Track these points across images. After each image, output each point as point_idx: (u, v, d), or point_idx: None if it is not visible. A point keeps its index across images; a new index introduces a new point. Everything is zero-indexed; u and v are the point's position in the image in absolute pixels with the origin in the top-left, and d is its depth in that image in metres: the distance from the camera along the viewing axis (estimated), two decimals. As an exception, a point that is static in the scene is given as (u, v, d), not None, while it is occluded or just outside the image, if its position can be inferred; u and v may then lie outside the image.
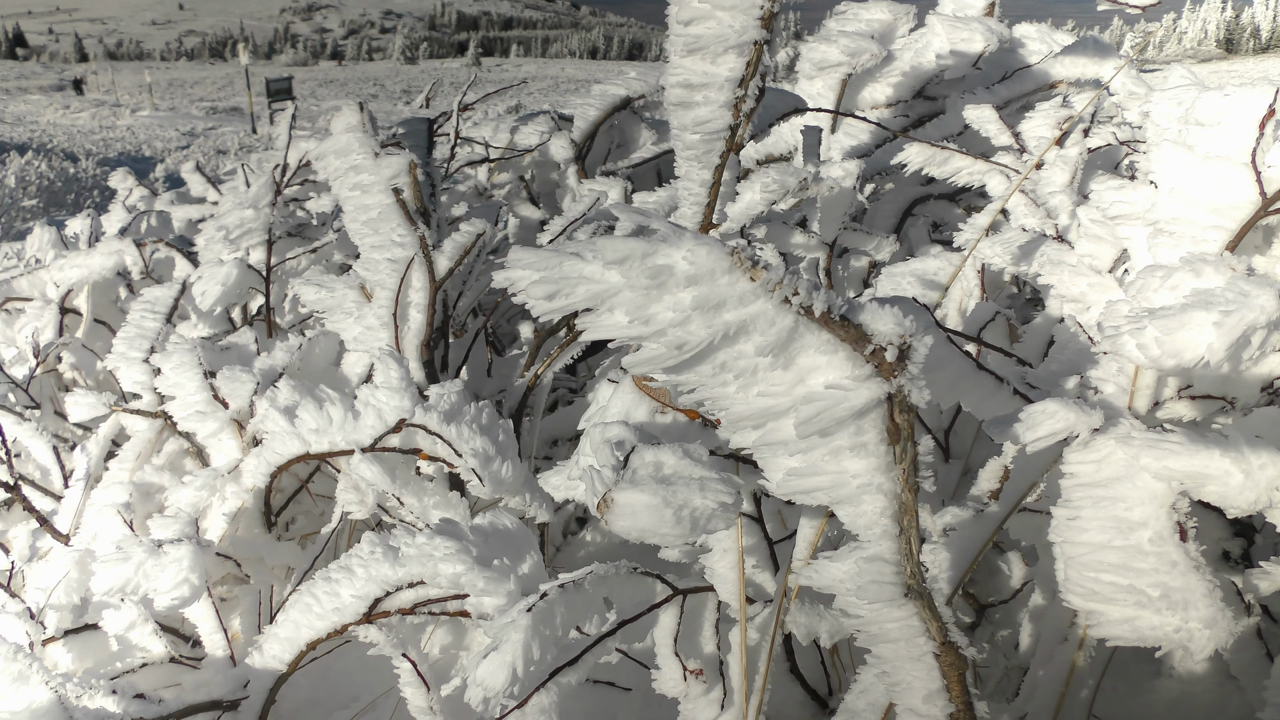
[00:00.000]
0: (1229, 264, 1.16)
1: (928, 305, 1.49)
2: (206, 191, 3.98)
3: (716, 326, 0.84)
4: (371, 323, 1.86)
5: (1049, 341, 1.63)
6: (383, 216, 1.91)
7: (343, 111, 2.07)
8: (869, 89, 2.62)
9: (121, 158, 24.51)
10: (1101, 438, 1.09)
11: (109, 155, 24.04)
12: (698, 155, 1.75)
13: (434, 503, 1.68)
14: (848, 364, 0.86)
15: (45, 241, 3.44)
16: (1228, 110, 1.38)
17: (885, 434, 0.89)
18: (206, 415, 1.95)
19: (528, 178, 3.01)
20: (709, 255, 0.82)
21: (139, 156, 25.77)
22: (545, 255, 0.86)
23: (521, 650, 1.02)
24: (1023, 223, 1.80)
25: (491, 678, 1.01)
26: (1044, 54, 2.59)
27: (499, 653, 1.02)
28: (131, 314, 2.31)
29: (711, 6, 1.57)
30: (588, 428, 1.37)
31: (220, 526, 1.86)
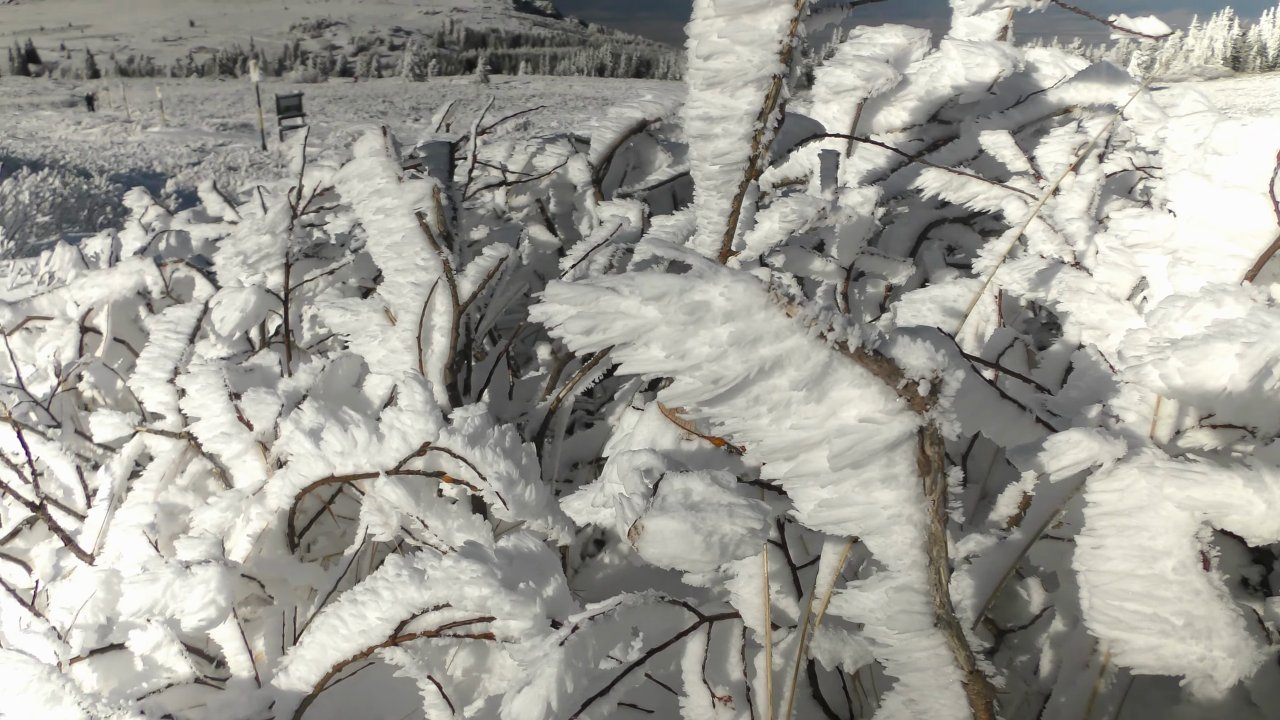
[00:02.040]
0: (1250, 294, 1.18)
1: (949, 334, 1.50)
2: (223, 210, 4.01)
3: (752, 361, 0.86)
4: (395, 346, 1.88)
5: (1067, 367, 1.64)
6: (406, 240, 1.93)
7: (366, 136, 2.10)
8: (884, 113, 2.64)
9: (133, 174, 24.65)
10: (1125, 467, 1.10)
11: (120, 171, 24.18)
12: (717, 185, 1.77)
13: (458, 525, 1.70)
14: (880, 398, 0.88)
15: (66, 261, 3.48)
16: (1245, 140, 1.40)
17: (916, 466, 0.91)
18: (231, 437, 1.97)
19: (545, 200, 3.03)
20: (746, 292, 0.84)
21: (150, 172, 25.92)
22: (582, 290, 0.88)
23: (555, 684, 1.04)
24: (1040, 249, 1.82)
25: (527, 712, 1.02)
26: (1057, 78, 2.61)
27: (533, 686, 1.03)
28: (154, 334, 2.33)
29: (731, 41, 1.59)
30: (613, 455, 1.39)
31: (245, 548, 1.88)
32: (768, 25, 1.59)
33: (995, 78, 2.44)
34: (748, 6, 1.58)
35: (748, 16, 1.60)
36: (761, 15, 1.59)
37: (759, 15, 1.59)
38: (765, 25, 1.59)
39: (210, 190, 4.11)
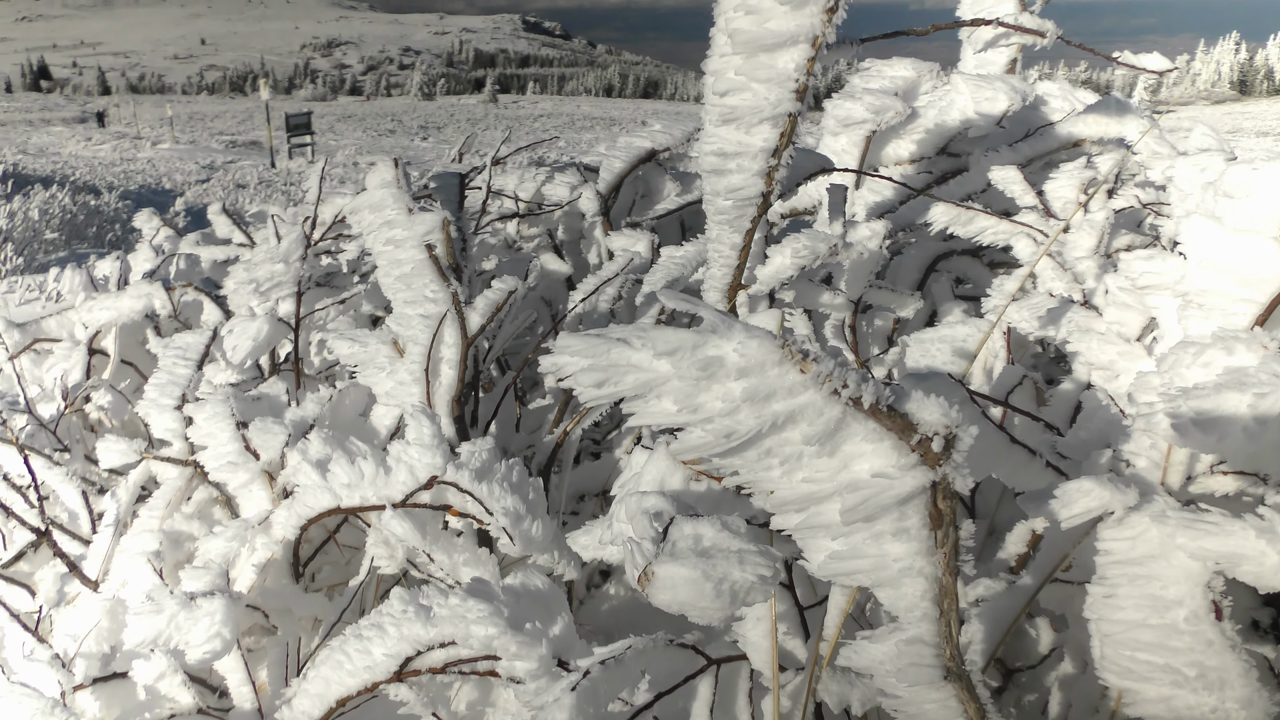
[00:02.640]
0: (1261, 342, 1.17)
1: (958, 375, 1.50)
2: (232, 233, 4.03)
3: (765, 416, 0.86)
4: (404, 378, 1.89)
5: (1076, 406, 1.64)
6: (416, 272, 1.94)
7: (378, 167, 2.10)
8: (893, 145, 2.65)
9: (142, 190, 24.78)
10: (1136, 515, 1.10)
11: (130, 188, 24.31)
12: (729, 220, 1.78)
13: (464, 560, 1.69)
14: (893, 452, 0.87)
15: (75, 283, 3.49)
16: (1256, 183, 1.40)
17: (928, 519, 0.91)
18: (238, 466, 1.97)
19: (555, 230, 3.04)
20: (760, 348, 0.84)
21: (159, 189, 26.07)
22: (594, 342, 0.88)
23: (567, 729, 1.03)
24: (1050, 286, 1.82)
25: (538, 756, 1.02)
26: (1066, 111, 2.62)
27: (545, 731, 1.03)
28: (163, 360, 2.33)
29: (748, 79, 1.60)
30: (622, 494, 1.39)
31: (249, 577, 1.88)
32: (784, 64, 1.60)
33: (1004, 111, 2.45)
34: (765, 45, 1.59)
35: (765, 55, 1.60)
36: (779, 54, 1.59)
37: (776, 54, 1.60)
38: (782, 64, 1.60)
39: (219, 212, 4.13)
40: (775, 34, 1.59)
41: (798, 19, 1.58)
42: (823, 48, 1.62)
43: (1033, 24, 2.30)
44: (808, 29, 1.59)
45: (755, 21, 1.61)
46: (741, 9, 1.61)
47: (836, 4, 1.58)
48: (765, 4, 1.59)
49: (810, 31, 1.59)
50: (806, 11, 1.57)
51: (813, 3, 1.56)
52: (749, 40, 1.61)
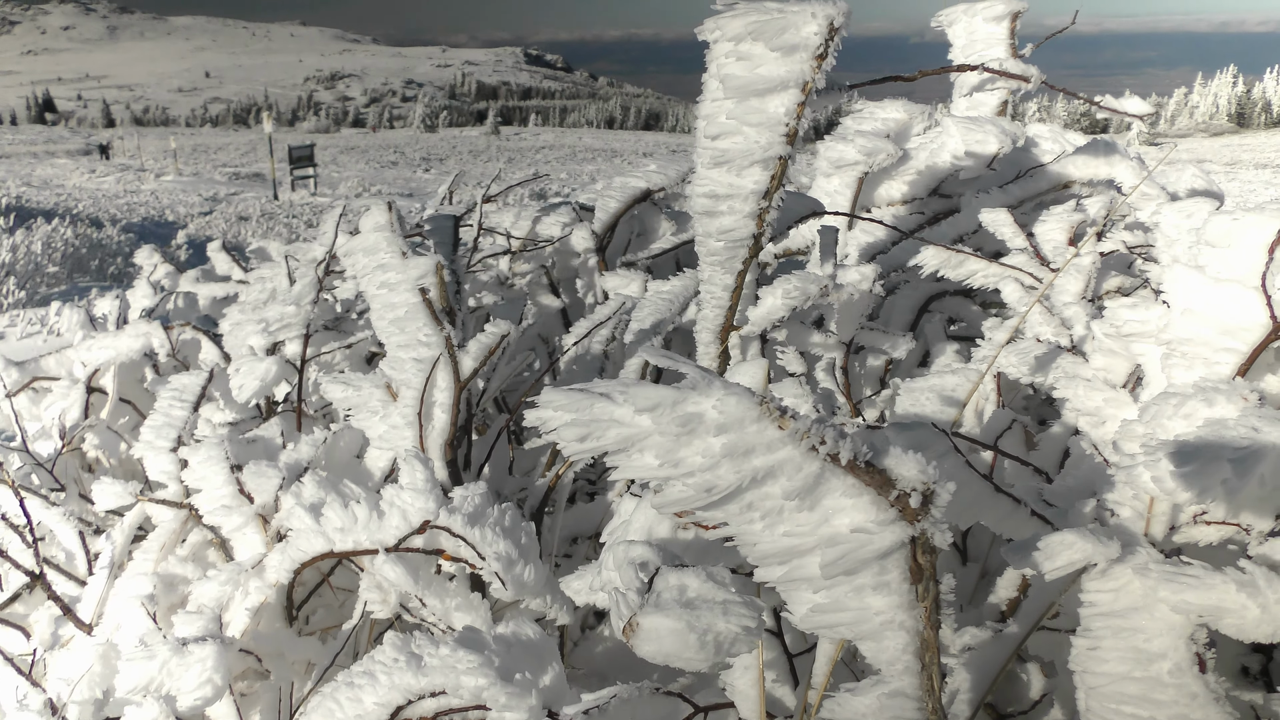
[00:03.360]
0: (1241, 393, 1.19)
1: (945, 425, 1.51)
2: (231, 270, 4.05)
3: (745, 471, 0.87)
4: (397, 422, 1.90)
5: (1065, 451, 1.65)
6: (409, 316, 1.95)
7: (372, 211, 2.12)
8: (885, 186, 2.67)
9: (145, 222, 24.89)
10: (1119, 567, 1.11)
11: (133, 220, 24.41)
12: (721, 261, 1.80)
13: (456, 605, 1.70)
14: (872, 507, 0.88)
15: (74, 322, 3.51)
16: (1236, 233, 1.41)
17: (908, 573, 0.92)
18: (232, 509, 1.98)
19: (549, 266, 3.06)
20: (738, 405, 0.85)
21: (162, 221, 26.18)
22: (576, 397, 0.89)
23: (550, 783, 1.03)
24: (1038, 331, 1.83)
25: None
26: (1056, 153, 2.64)
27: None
28: (160, 401, 2.34)
29: (739, 123, 1.63)
30: (610, 542, 1.39)
31: (243, 622, 1.88)
32: (775, 108, 1.63)
33: (995, 154, 2.47)
34: (756, 90, 1.62)
35: (756, 99, 1.63)
36: (769, 99, 1.62)
37: (767, 99, 1.62)
38: (773, 108, 1.63)
39: (219, 250, 4.16)
40: (766, 79, 1.62)
41: (788, 65, 1.61)
42: (813, 93, 1.65)
43: (1018, 69, 2.33)
44: (798, 75, 1.61)
45: (746, 67, 1.63)
46: (733, 55, 1.64)
47: (826, 51, 1.60)
48: (756, 50, 1.62)
49: (800, 77, 1.62)
50: (797, 58, 1.60)
51: (803, 49, 1.59)
52: (740, 85, 1.63)
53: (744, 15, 1.61)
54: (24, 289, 11.77)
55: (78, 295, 11.98)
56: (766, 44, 1.60)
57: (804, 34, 1.58)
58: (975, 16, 2.99)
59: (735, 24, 1.62)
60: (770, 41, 1.60)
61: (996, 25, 2.95)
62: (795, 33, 1.58)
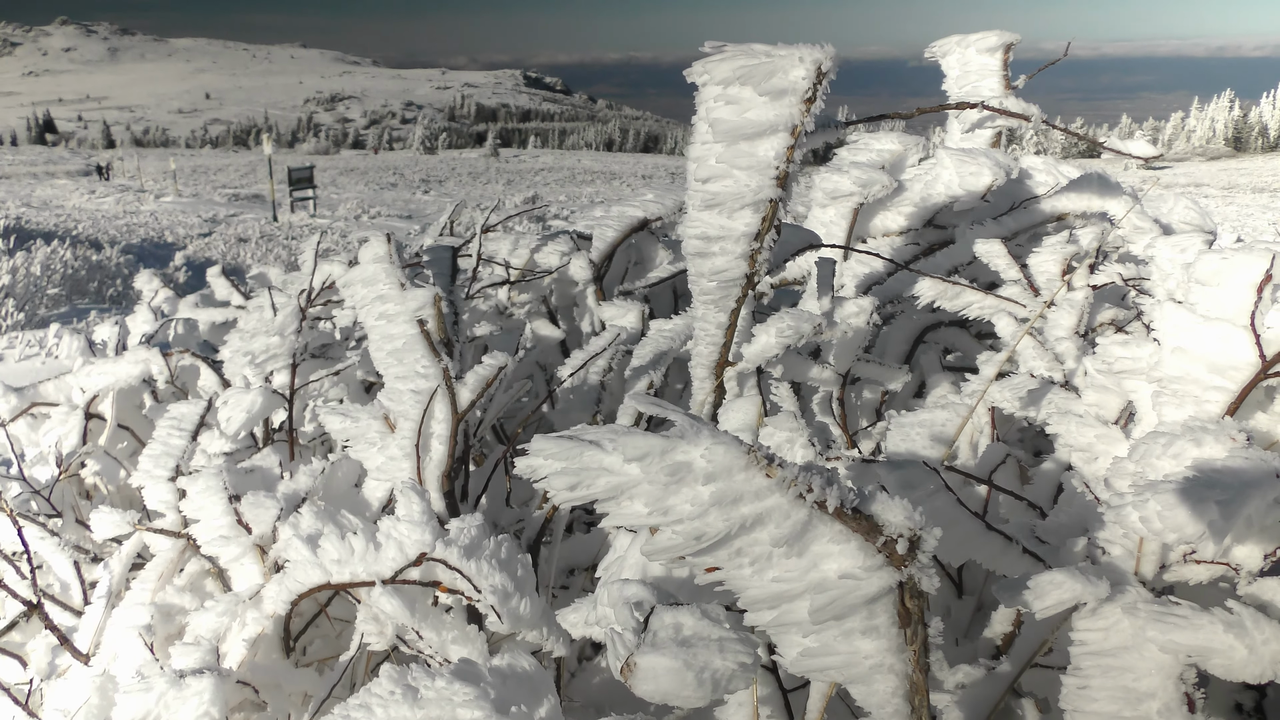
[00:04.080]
0: (1229, 433, 1.20)
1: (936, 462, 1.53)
2: (230, 295, 4.07)
3: (733, 519, 0.88)
4: (394, 453, 1.91)
5: (1059, 486, 1.66)
6: (407, 347, 1.96)
7: (370, 242, 2.14)
8: (880, 217, 2.69)
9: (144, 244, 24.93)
10: (1109, 606, 1.11)
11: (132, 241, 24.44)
12: (714, 300, 1.81)
13: (452, 637, 1.70)
14: (859, 553, 0.90)
15: (74, 348, 3.52)
16: (1226, 272, 1.43)
17: (896, 618, 0.93)
18: (230, 540, 1.98)
19: (548, 295, 3.08)
20: (726, 454, 0.86)
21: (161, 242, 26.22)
22: (567, 445, 0.91)
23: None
24: (1031, 365, 1.84)
25: None
26: (1050, 185, 2.67)
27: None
28: (158, 431, 2.35)
29: (729, 166, 1.64)
30: (605, 579, 1.40)
31: (240, 653, 1.89)
32: (765, 152, 1.64)
33: (988, 186, 2.50)
34: (746, 134, 1.63)
35: (745, 143, 1.65)
36: (759, 142, 1.64)
37: (756, 142, 1.64)
38: (762, 152, 1.64)
39: (218, 275, 4.18)
40: (755, 123, 1.64)
41: (776, 109, 1.63)
42: (802, 136, 1.66)
43: (1018, 107, 2.35)
44: (786, 119, 1.63)
45: (735, 111, 1.65)
46: (721, 99, 1.66)
47: (815, 94, 1.62)
48: (745, 94, 1.64)
49: (789, 121, 1.63)
50: (785, 102, 1.62)
51: (791, 93, 1.61)
52: (729, 129, 1.65)
53: (732, 59, 1.63)
54: (23, 311, 11.79)
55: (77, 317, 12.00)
56: (755, 88, 1.62)
57: (792, 78, 1.60)
58: (969, 48, 3.02)
59: (723, 68, 1.64)
60: (758, 86, 1.61)
61: (990, 57, 2.98)
62: (783, 77, 1.60)
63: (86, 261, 15.16)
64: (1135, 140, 2.36)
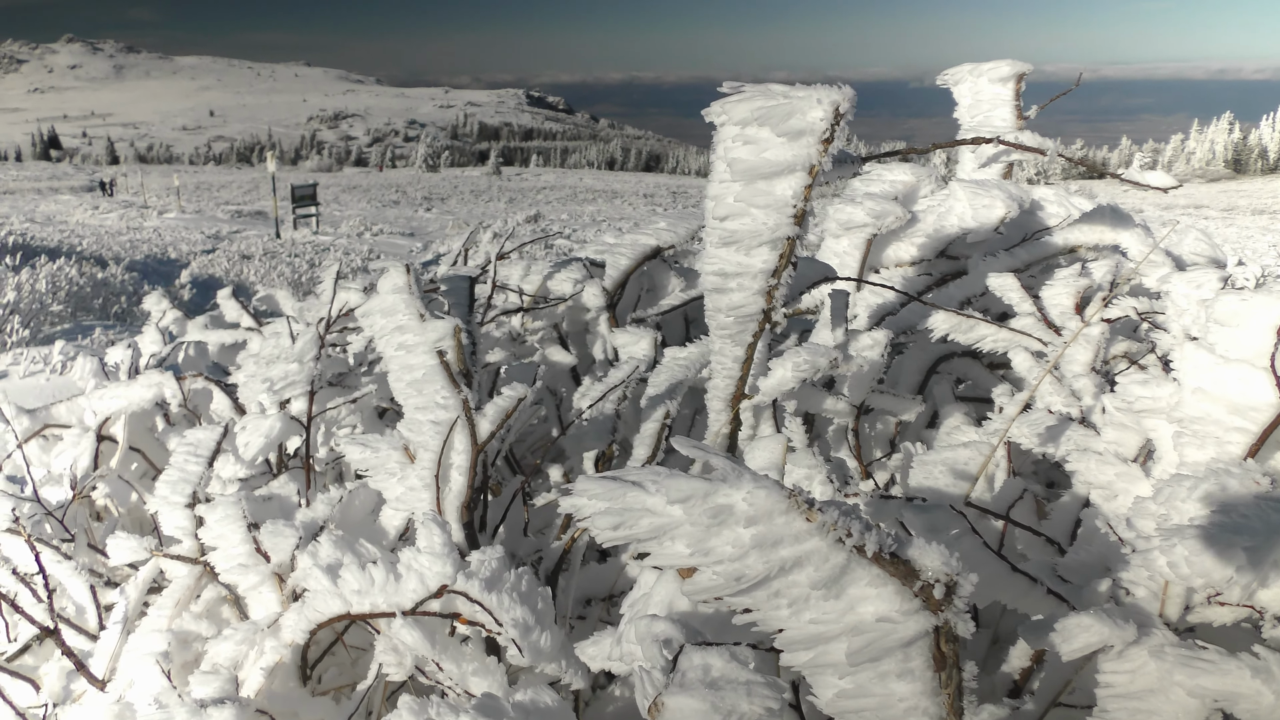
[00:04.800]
0: (1254, 476, 1.21)
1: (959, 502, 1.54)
2: (240, 317, 4.09)
3: (773, 561, 0.89)
4: (414, 483, 1.92)
5: (1076, 521, 1.67)
6: (427, 378, 1.98)
7: (389, 273, 2.16)
8: (893, 248, 2.71)
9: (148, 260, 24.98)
10: (1135, 649, 1.12)
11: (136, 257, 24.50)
12: (731, 334, 1.83)
13: (472, 669, 1.71)
14: (896, 597, 0.91)
15: (87, 370, 3.54)
16: (1245, 314, 1.44)
17: (932, 661, 0.94)
18: (249, 568, 1.99)
19: (560, 321, 3.09)
20: (768, 498, 0.87)
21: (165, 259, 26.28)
22: (610, 486, 0.92)
23: None
24: (1048, 401, 1.86)
25: None
26: (1062, 217, 2.69)
27: None
28: (175, 456, 2.36)
29: (747, 204, 1.66)
30: (630, 614, 1.41)
31: (257, 681, 1.89)
32: (782, 191, 1.66)
33: (1001, 218, 2.51)
34: (764, 173, 1.65)
35: (763, 182, 1.67)
36: (777, 181, 1.66)
37: (774, 181, 1.66)
38: (780, 190, 1.66)
39: (228, 297, 4.20)
40: (773, 163, 1.66)
41: (794, 149, 1.65)
42: (820, 175, 1.68)
43: (1033, 141, 2.37)
44: (804, 159, 1.65)
45: (753, 151, 1.67)
46: (740, 139, 1.68)
47: (832, 135, 1.64)
48: (763, 134, 1.66)
49: (807, 161, 1.65)
50: (803, 142, 1.64)
51: (809, 134, 1.63)
52: (748, 169, 1.67)
53: (750, 100, 1.65)
54: (28, 327, 11.81)
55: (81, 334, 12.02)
56: (773, 129, 1.64)
57: (810, 119, 1.62)
58: (980, 77, 3.05)
59: (741, 109, 1.66)
60: (776, 126, 1.64)
61: (1002, 86, 3.01)
62: (801, 118, 1.62)
63: (91, 278, 15.19)
64: (1152, 172, 2.37)
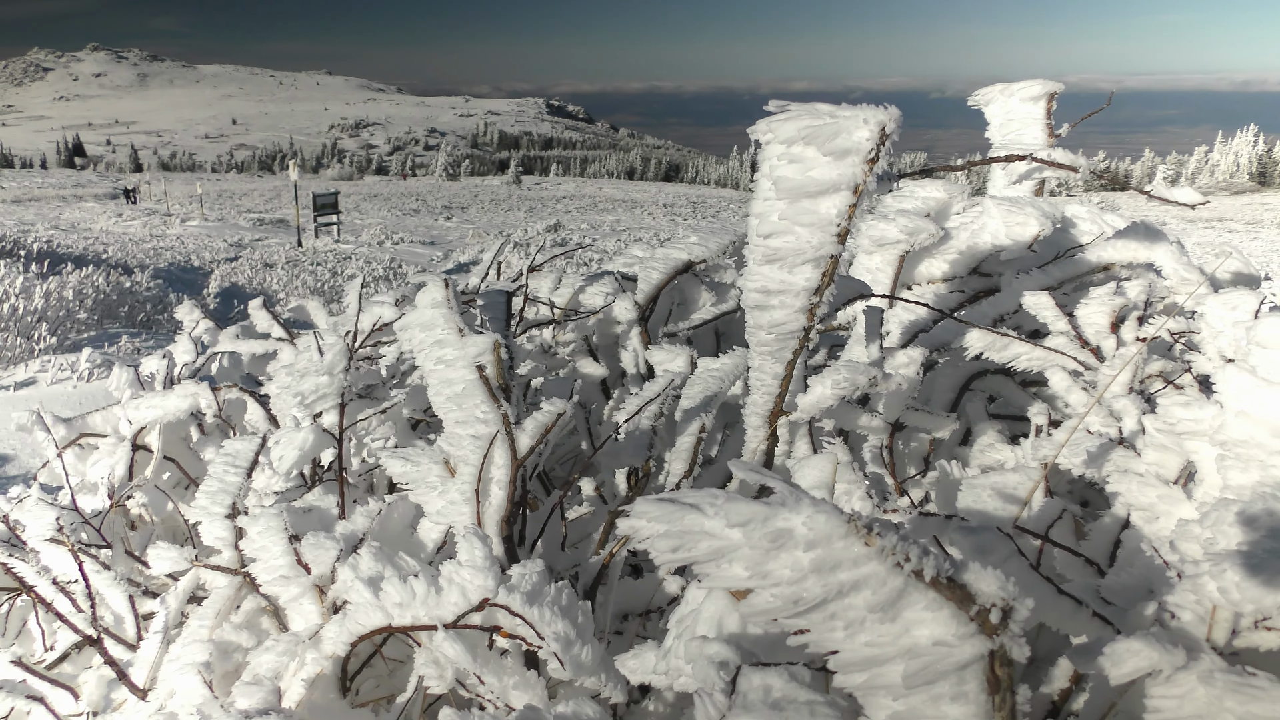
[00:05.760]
0: (1301, 501, 1.21)
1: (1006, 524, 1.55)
2: (271, 327, 4.13)
3: (831, 585, 0.91)
4: (455, 497, 1.94)
5: (1115, 541, 1.67)
6: (466, 392, 2.00)
7: (429, 287, 2.18)
8: (926, 264, 2.72)
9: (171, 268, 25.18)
10: (1184, 674, 1.13)
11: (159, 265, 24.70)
12: (772, 351, 1.84)
13: (513, 683, 1.72)
14: (953, 621, 0.92)
15: (123, 381, 3.58)
16: (1289, 336, 1.45)
17: (986, 684, 0.95)
18: (290, 580, 2.02)
19: (590, 334, 3.12)
20: (827, 523, 0.89)
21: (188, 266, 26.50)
22: (669, 509, 0.94)
23: None
24: (1088, 422, 1.86)
25: None
26: (1095, 234, 2.69)
27: None
28: (213, 467, 2.39)
29: (791, 223, 1.68)
30: (678, 631, 1.43)
31: (298, 692, 1.91)
32: (827, 209, 1.68)
33: (1035, 236, 2.52)
34: (809, 192, 1.67)
35: (808, 201, 1.68)
36: (821, 200, 1.67)
37: (819, 200, 1.67)
38: (824, 209, 1.68)
39: (260, 308, 4.24)
40: (818, 182, 1.67)
41: (839, 168, 1.66)
42: (864, 194, 1.70)
43: (1066, 159, 2.38)
44: (849, 178, 1.66)
45: (799, 170, 1.69)
46: (785, 157, 1.69)
47: (878, 155, 1.65)
48: (808, 154, 1.67)
49: (852, 180, 1.67)
50: (848, 162, 1.65)
51: (855, 153, 1.64)
52: (793, 187, 1.69)
53: (797, 119, 1.67)
54: (55, 334, 11.93)
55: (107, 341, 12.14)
56: (819, 148, 1.66)
57: (856, 139, 1.63)
58: (1012, 97, 3.06)
59: (788, 128, 1.68)
60: (823, 146, 1.65)
61: (1033, 105, 3.01)
62: (847, 138, 1.64)
63: (117, 286, 15.34)
64: (1181, 189, 2.38)
